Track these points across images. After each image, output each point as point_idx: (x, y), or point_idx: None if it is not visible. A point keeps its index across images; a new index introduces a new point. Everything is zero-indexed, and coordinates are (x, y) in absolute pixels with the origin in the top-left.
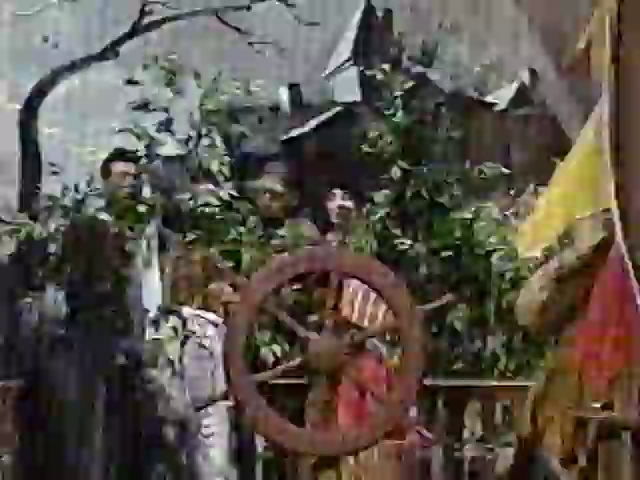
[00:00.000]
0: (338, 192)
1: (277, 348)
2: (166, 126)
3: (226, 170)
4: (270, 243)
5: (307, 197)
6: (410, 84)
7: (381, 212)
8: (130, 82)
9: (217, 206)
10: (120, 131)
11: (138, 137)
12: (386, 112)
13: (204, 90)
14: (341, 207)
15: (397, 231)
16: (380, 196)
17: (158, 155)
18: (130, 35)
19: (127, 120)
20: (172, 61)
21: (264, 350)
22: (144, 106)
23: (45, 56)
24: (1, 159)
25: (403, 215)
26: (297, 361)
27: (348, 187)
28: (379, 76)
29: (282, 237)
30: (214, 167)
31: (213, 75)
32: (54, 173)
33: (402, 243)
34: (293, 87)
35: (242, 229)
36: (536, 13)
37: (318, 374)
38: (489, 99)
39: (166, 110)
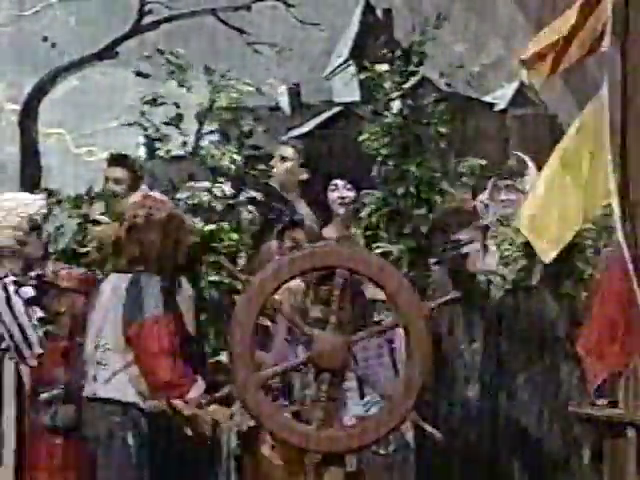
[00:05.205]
0: (340, 182)
1: None
2: (175, 122)
3: (236, 167)
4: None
5: (306, 193)
6: (409, 84)
7: (370, 210)
8: (139, 75)
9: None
10: (130, 125)
11: (146, 131)
12: (382, 112)
13: (213, 87)
14: (342, 198)
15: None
16: (371, 195)
17: (167, 152)
18: (130, 35)
19: (126, 120)
20: (181, 56)
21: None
22: (152, 101)
23: (45, 56)
24: (1, 159)
25: (394, 214)
26: (302, 358)
27: (349, 179)
28: (377, 76)
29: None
30: (225, 163)
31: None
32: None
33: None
34: (293, 87)
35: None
36: (535, 12)
37: (323, 371)
38: (489, 99)
39: (176, 105)
